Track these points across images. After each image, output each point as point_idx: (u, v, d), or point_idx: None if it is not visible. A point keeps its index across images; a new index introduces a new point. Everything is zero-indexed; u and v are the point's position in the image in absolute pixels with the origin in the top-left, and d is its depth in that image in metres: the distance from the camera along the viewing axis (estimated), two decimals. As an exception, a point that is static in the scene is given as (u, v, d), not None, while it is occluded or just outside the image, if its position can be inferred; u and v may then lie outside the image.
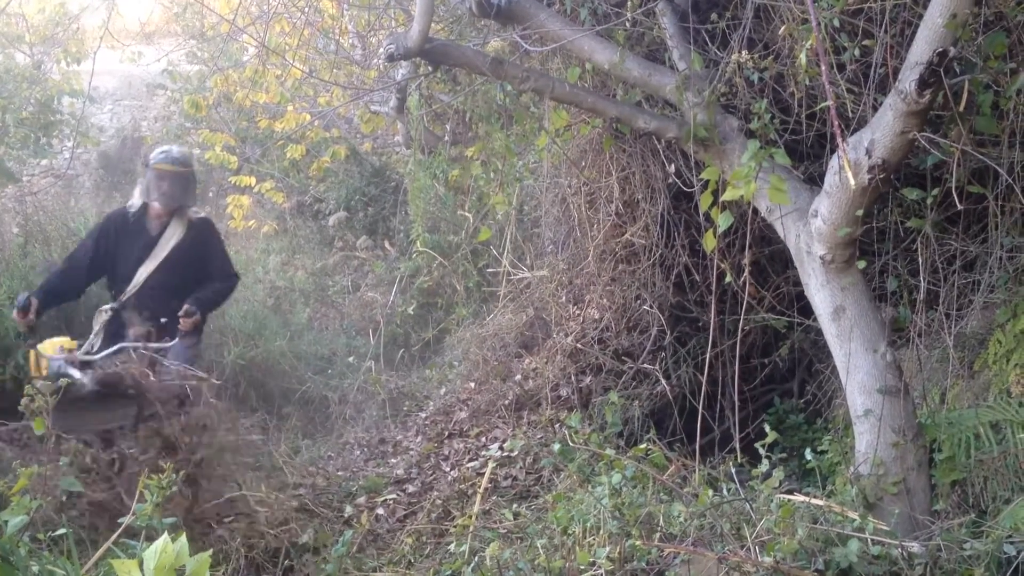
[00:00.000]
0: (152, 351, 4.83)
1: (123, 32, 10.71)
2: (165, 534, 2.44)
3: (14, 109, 8.53)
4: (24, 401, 3.53)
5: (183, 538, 2.42)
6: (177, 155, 5.16)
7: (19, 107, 8.58)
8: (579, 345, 4.96)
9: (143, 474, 3.30)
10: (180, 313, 4.86)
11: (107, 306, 5.02)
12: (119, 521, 3.21)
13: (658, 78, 3.97)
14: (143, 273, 5.08)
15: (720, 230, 3.83)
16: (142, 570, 2.36)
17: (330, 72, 7.88)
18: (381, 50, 5.81)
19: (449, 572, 3.39)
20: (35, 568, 2.76)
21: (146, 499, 3.09)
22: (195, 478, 4.00)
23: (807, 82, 3.70)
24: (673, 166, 4.70)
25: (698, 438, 4.18)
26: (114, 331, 4.93)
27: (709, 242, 3.91)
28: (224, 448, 4.22)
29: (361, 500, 4.49)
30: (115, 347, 4.71)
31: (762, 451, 3.27)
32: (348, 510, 4.39)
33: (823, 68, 3.18)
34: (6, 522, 2.84)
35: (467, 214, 7.34)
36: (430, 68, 4.35)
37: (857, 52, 3.58)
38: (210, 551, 2.50)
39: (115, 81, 11.65)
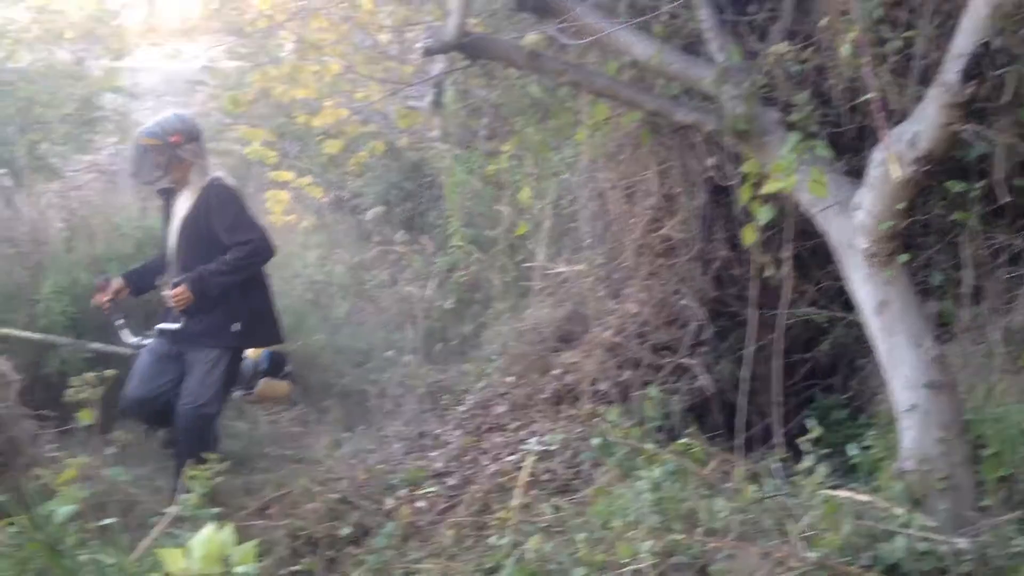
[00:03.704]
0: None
1: (163, 29, 10.84)
2: (212, 523, 2.48)
3: (57, 106, 8.65)
4: (70, 392, 3.59)
5: (229, 528, 2.46)
6: (149, 125, 4.88)
7: (62, 104, 8.70)
8: (618, 339, 4.95)
9: None
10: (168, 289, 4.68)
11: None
12: (166, 510, 3.26)
13: (696, 71, 3.96)
14: (170, 252, 4.95)
15: (760, 224, 3.82)
16: (189, 559, 2.40)
17: (367, 67, 7.92)
18: (418, 45, 5.84)
19: (491, 565, 3.40)
20: (83, 557, 2.81)
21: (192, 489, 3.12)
22: None
23: (849, 74, 3.68)
24: (712, 159, 4.67)
25: (739, 433, 4.17)
26: (162, 316, 4.91)
27: (749, 236, 3.90)
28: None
29: (402, 493, 4.51)
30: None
31: (805, 446, 3.24)
32: (389, 502, 4.42)
33: (865, 60, 3.16)
34: (54, 511, 2.89)
35: (504, 209, 7.35)
36: (467, 62, 4.36)
37: (899, 44, 3.55)
38: (255, 541, 2.53)
39: (156, 78, 11.77)
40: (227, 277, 4.67)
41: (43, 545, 2.74)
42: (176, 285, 4.63)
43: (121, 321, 5.06)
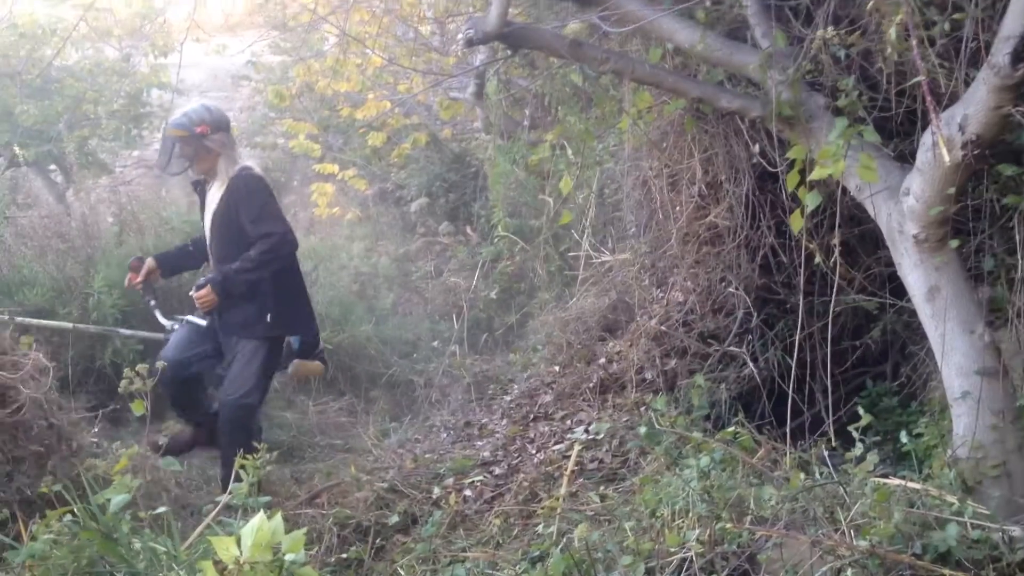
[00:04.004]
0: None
1: (208, 25, 10.92)
2: (261, 512, 2.51)
3: (105, 102, 8.76)
4: (123, 383, 3.64)
5: (279, 516, 2.48)
6: (177, 116, 4.89)
7: (110, 100, 8.81)
8: (663, 328, 4.93)
9: None
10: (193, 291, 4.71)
11: None
12: (217, 500, 3.30)
13: (741, 56, 3.92)
14: (208, 243, 4.97)
15: (808, 210, 3.77)
16: (240, 547, 2.43)
17: (409, 59, 7.94)
18: (459, 36, 5.84)
19: (538, 553, 3.41)
20: (137, 545, 2.85)
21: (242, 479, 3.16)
22: None
23: (896, 58, 3.62)
24: (757, 146, 4.63)
25: (788, 421, 4.13)
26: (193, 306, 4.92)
27: (796, 222, 3.85)
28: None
29: (449, 482, 4.54)
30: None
31: (855, 434, 3.21)
32: (436, 491, 4.45)
33: (913, 43, 3.11)
34: (109, 500, 2.94)
35: (548, 198, 7.34)
36: (508, 52, 4.35)
37: (947, 26, 3.48)
38: (304, 529, 2.56)
39: (201, 73, 11.89)
40: (251, 275, 4.66)
41: (97, 533, 2.79)
42: (201, 287, 4.64)
43: (153, 302, 5.14)
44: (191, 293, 4.71)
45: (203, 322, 4.78)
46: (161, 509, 3.15)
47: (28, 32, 8.94)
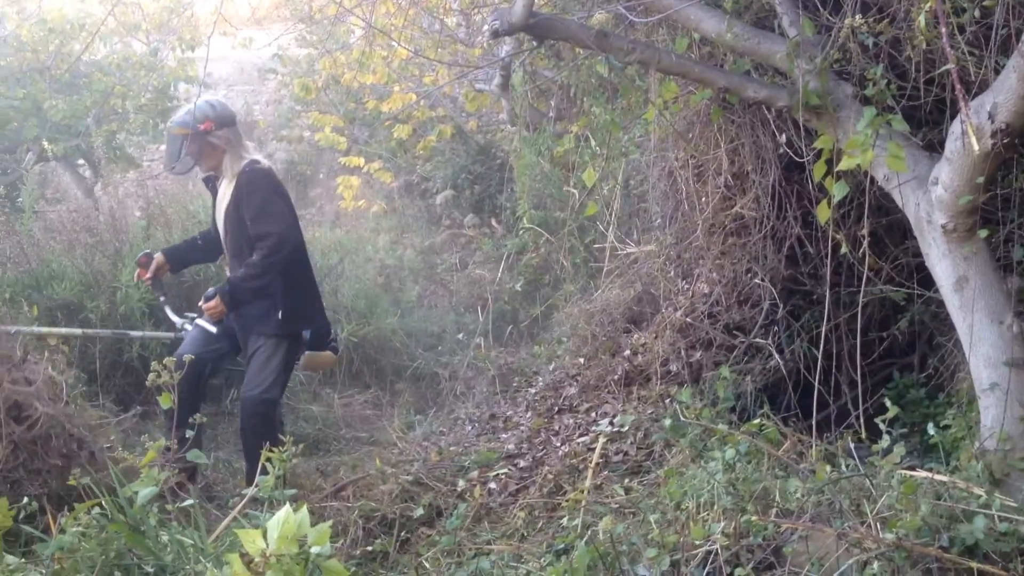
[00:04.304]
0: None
1: (235, 18, 10.96)
2: (287, 505, 2.52)
3: (133, 96, 8.81)
4: (151, 376, 3.66)
5: (304, 509, 2.50)
6: (180, 114, 4.89)
7: (138, 94, 8.85)
8: (689, 320, 4.91)
9: None
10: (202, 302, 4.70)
11: None
12: (243, 492, 3.32)
13: (768, 46, 3.89)
14: (223, 240, 4.96)
15: (835, 200, 3.74)
16: (266, 539, 2.44)
17: (435, 51, 7.93)
18: (485, 27, 5.83)
19: (562, 545, 3.41)
20: (164, 538, 2.87)
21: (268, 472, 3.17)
22: None
23: (925, 46, 3.58)
24: (784, 136, 4.59)
25: (814, 413, 4.10)
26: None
27: (823, 213, 3.82)
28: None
29: (473, 474, 4.54)
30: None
31: (882, 426, 3.19)
32: (461, 484, 4.45)
33: (942, 30, 3.07)
34: (136, 493, 2.96)
35: (573, 190, 7.32)
36: (534, 43, 4.34)
37: (977, 13, 3.44)
38: (330, 522, 2.57)
39: (228, 67, 11.95)
40: (257, 281, 4.65)
41: (125, 526, 2.81)
42: (210, 298, 4.64)
43: (163, 298, 5.15)
44: (200, 304, 4.71)
45: (213, 328, 4.76)
46: (188, 502, 3.17)
47: (57, 27, 9.00)
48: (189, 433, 3.52)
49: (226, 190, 4.83)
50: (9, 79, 8.48)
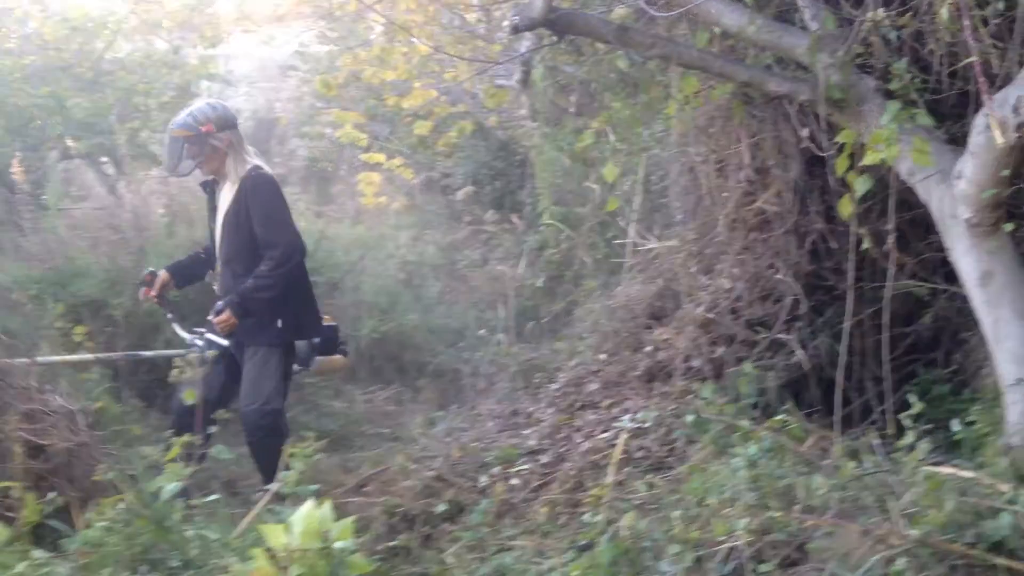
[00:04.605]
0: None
1: (256, 15, 11.03)
2: (311, 500, 2.54)
3: (155, 94, 8.88)
4: (174, 372, 3.69)
5: (328, 504, 2.51)
6: (181, 116, 4.83)
7: (160, 92, 8.92)
8: (711, 315, 4.88)
9: None
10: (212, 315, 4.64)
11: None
12: (267, 487, 3.34)
13: (789, 39, 3.87)
14: (217, 249, 4.91)
15: (858, 195, 3.73)
16: (289, 535, 2.46)
17: (455, 47, 7.94)
18: (505, 23, 5.83)
19: (585, 541, 3.40)
20: (189, 532, 2.89)
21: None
22: None
23: (948, 39, 3.56)
24: (807, 130, 4.57)
25: (837, 409, 4.08)
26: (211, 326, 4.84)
27: (845, 208, 3.81)
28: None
29: (496, 470, 4.54)
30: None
31: (907, 422, 3.17)
32: (483, 480, 4.46)
33: (966, 23, 3.05)
34: (161, 488, 2.98)
35: (594, 186, 7.31)
36: (554, 38, 4.33)
37: (1001, 5, 3.41)
38: (353, 517, 2.59)
39: (249, 64, 12.01)
40: (268, 292, 4.62)
41: (150, 521, 2.83)
42: (220, 311, 4.60)
43: (171, 315, 5.11)
44: (210, 318, 4.67)
45: (224, 342, 4.73)
46: (212, 497, 3.19)
47: (79, 25, 9.08)
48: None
49: (228, 194, 4.79)
50: (33, 77, 8.56)
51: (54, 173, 7.77)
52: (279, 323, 4.71)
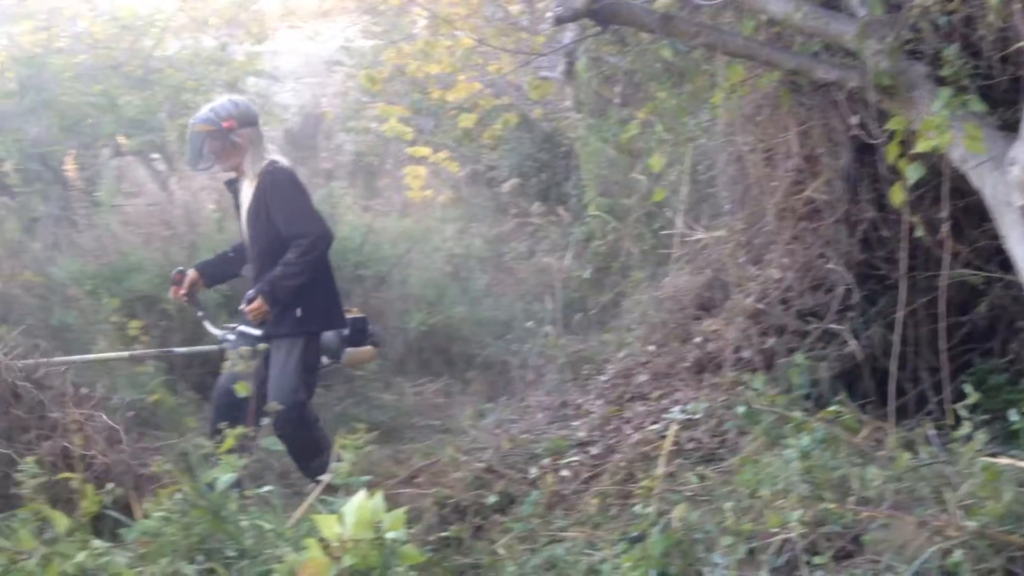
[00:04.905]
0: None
1: (302, 11, 11.10)
2: (363, 491, 2.56)
3: (204, 91, 8.97)
4: (226, 365, 3.73)
5: (379, 495, 2.53)
6: (203, 112, 4.88)
7: (208, 88, 9.01)
8: (761, 306, 4.84)
9: None
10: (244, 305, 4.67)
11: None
12: (319, 479, 3.37)
13: (837, 26, 3.82)
14: (246, 243, 4.94)
15: (909, 183, 3.68)
16: (342, 525, 2.48)
17: (499, 39, 7.94)
18: (548, 14, 5.81)
19: (636, 533, 3.40)
20: (244, 523, 2.93)
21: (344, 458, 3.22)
22: None
23: (999, 23, 3.50)
24: (856, 117, 4.51)
25: (891, 400, 4.03)
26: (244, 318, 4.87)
27: (896, 196, 3.76)
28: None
29: (545, 462, 4.55)
30: None
31: (963, 412, 3.13)
32: (533, 471, 4.46)
33: (1016, 7, 3.00)
34: (217, 479, 3.02)
35: (640, 176, 7.28)
36: (598, 29, 4.32)
37: (1052, -12, 3.35)
38: (404, 508, 2.61)
39: (295, 60, 12.09)
40: (295, 279, 4.63)
41: (207, 511, 2.87)
42: (251, 300, 4.63)
43: (201, 313, 5.17)
44: (242, 307, 4.71)
45: (258, 332, 4.75)
46: (266, 488, 3.23)
47: (129, 24, 9.20)
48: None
49: (248, 191, 4.83)
50: (85, 76, 8.70)
51: (107, 170, 7.89)
52: (298, 312, 4.72)
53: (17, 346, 4.29)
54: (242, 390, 3.69)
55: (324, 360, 5.04)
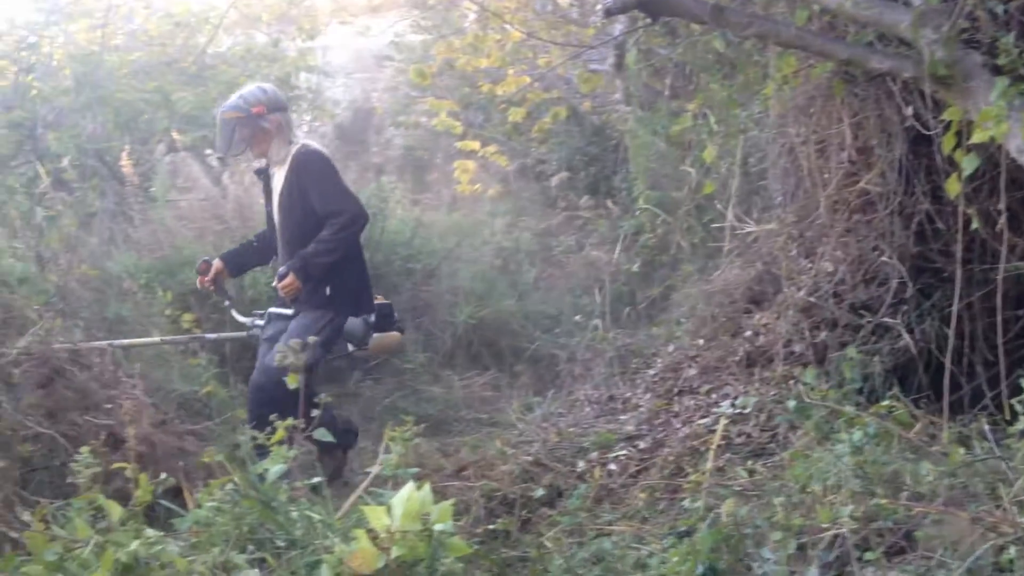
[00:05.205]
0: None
1: (352, 6, 11.17)
2: (411, 483, 2.57)
3: (256, 87, 9.03)
4: (277, 358, 3.76)
5: (427, 487, 2.54)
6: (232, 99, 4.93)
7: (261, 84, 9.07)
8: (812, 299, 4.79)
9: None
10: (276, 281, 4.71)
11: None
12: (367, 470, 3.39)
13: (891, 15, 3.76)
14: (276, 228, 4.99)
15: (965, 174, 3.61)
16: (391, 516, 2.49)
17: (548, 32, 7.92)
18: (598, 6, 5.79)
19: (685, 528, 3.38)
20: (294, 513, 2.95)
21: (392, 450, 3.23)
22: None
23: (1056, 11, 3.42)
24: (911, 108, 4.44)
25: (946, 395, 3.97)
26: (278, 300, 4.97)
27: (952, 187, 3.70)
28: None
29: (593, 455, 4.54)
30: None
31: (1018, 407, 3.07)
32: (581, 465, 4.45)
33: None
34: (267, 470, 3.05)
35: (690, 169, 7.23)
36: (648, 21, 4.29)
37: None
38: (452, 500, 2.61)
39: (346, 55, 12.16)
40: (329, 256, 4.67)
41: (257, 502, 2.90)
42: (283, 276, 4.67)
43: (228, 302, 5.26)
44: (274, 284, 4.77)
45: (289, 311, 4.83)
46: (316, 479, 3.26)
47: (183, 21, 9.31)
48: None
49: (279, 176, 4.87)
50: (140, 73, 8.82)
51: (161, 166, 8.00)
52: (327, 290, 4.76)
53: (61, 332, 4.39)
54: (292, 382, 3.71)
55: (349, 347, 5.09)
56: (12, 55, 8.60)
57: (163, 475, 3.08)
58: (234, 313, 5.23)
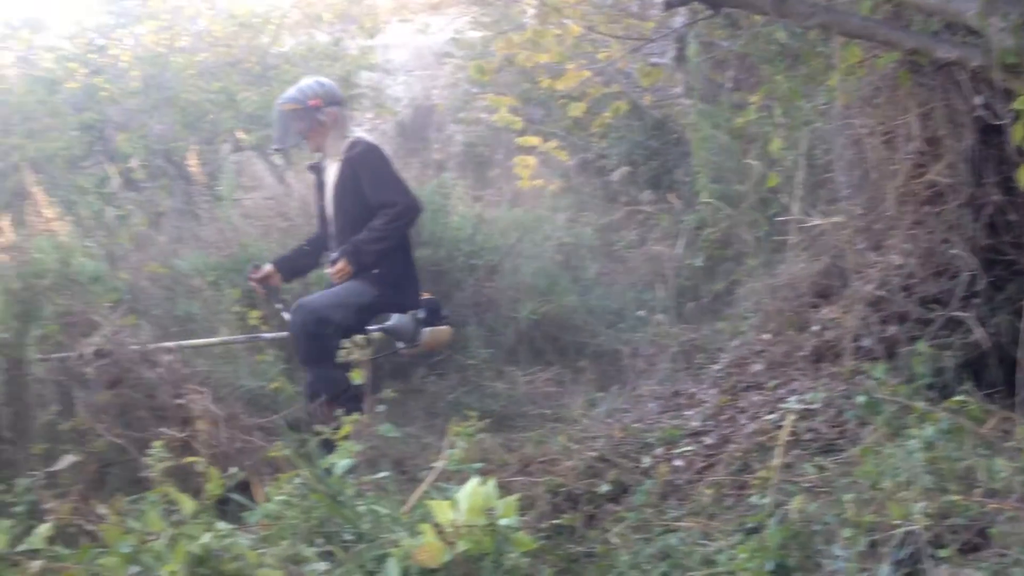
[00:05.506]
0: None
1: (413, 4, 11.23)
2: (476, 478, 2.59)
3: (318, 86, 9.13)
4: (341, 353, 3.80)
5: (492, 482, 2.55)
6: (290, 91, 5.03)
7: (323, 84, 9.17)
8: (881, 293, 4.70)
9: None
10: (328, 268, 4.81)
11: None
12: (433, 465, 3.41)
13: (958, 3, 3.68)
14: (329, 225, 5.08)
15: (1037, 164, 3.53)
16: (456, 511, 2.51)
17: (608, 26, 7.89)
18: (659, -1, 5.75)
19: (752, 524, 3.35)
20: (361, 508, 2.98)
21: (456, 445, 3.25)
22: None
23: None
24: (980, 98, 4.35)
25: (1020, 389, 3.88)
26: None
27: (1023, 177, 3.62)
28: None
29: (658, 451, 4.51)
30: None
31: (1097, 402, 2.99)
32: (646, 461, 4.43)
33: None
34: (334, 465, 3.09)
35: (753, 162, 7.16)
36: (709, 12, 4.25)
37: None
38: (517, 495, 2.62)
39: (406, 53, 12.24)
40: (380, 244, 4.76)
41: (325, 496, 2.94)
42: (335, 262, 4.76)
43: (280, 305, 5.30)
44: (326, 270, 4.87)
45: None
46: (382, 474, 3.29)
47: (246, 22, 9.45)
48: None
49: (333, 170, 4.96)
50: (205, 73, 8.97)
51: (227, 165, 8.13)
52: (376, 271, 4.85)
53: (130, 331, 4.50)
54: (357, 377, 3.76)
55: (400, 345, 5.13)
56: (82, 58, 8.80)
57: (233, 469, 3.13)
58: (285, 316, 5.28)
